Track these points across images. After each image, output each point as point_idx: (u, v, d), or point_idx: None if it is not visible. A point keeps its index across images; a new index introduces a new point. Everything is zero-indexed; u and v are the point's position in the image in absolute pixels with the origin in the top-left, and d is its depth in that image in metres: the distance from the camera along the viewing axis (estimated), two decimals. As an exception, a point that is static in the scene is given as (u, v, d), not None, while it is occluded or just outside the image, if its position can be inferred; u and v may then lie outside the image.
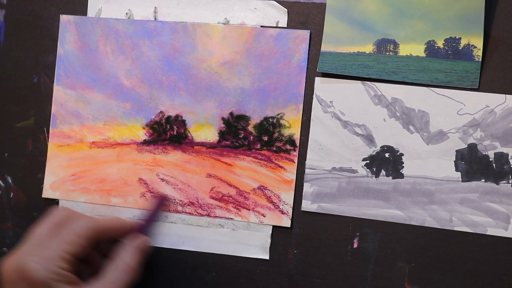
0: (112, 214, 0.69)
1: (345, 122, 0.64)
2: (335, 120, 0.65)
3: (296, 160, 0.65)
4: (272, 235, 0.66)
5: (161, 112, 0.68)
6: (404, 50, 0.63)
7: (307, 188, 0.65)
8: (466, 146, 0.62)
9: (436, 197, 0.62)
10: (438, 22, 0.62)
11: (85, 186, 0.70)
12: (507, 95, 0.61)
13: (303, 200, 0.65)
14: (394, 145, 0.63)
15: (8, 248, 0.72)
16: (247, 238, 0.67)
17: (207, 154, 0.67)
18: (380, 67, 0.63)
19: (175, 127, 0.68)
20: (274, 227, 0.66)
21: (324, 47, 0.64)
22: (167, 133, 0.68)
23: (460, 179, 0.62)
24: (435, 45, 0.62)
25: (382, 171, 0.64)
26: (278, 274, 0.66)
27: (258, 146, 0.66)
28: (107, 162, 0.69)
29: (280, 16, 0.66)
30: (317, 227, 0.65)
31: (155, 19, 0.68)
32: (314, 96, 0.65)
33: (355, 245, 0.64)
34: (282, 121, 0.66)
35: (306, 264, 0.65)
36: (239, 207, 0.67)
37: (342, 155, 0.64)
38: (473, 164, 0.62)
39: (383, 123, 0.64)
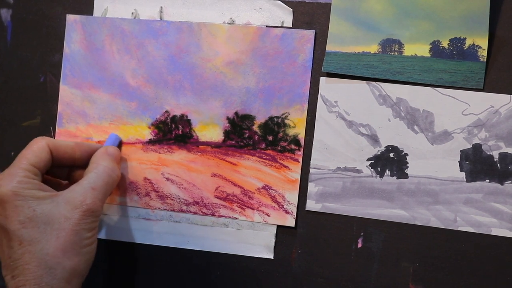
0: (118, 214, 0.69)
1: (349, 122, 0.64)
2: (340, 120, 0.65)
3: (300, 159, 0.66)
4: (277, 235, 0.66)
5: (166, 111, 0.68)
6: (409, 50, 0.63)
7: (311, 187, 0.65)
8: (470, 146, 0.62)
9: (441, 197, 0.62)
10: (443, 22, 0.62)
11: (90, 185, 0.70)
12: (511, 96, 0.61)
13: (307, 200, 0.65)
14: (398, 145, 0.63)
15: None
16: (251, 238, 0.67)
17: (212, 154, 0.67)
18: (385, 67, 0.63)
19: (180, 126, 0.68)
20: (278, 226, 0.66)
21: (329, 47, 0.64)
22: (172, 132, 0.68)
23: (465, 179, 0.62)
24: (440, 45, 0.62)
25: (387, 171, 0.64)
26: (282, 273, 0.66)
27: (263, 145, 0.66)
28: (113, 161, 0.70)
29: (285, 16, 0.66)
30: (322, 226, 0.65)
31: (160, 18, 0.69)
32: (319, 96, 0.65)
33: (360, 245, 0.64)
34: (287, 121, 0.66)
35: (310, 263, 0.65)
36: (244, 207, 0.67)
37: (346, 155, 0.64)
38: (477, 164, 0.62)
39: (388, 123, 0.64)
